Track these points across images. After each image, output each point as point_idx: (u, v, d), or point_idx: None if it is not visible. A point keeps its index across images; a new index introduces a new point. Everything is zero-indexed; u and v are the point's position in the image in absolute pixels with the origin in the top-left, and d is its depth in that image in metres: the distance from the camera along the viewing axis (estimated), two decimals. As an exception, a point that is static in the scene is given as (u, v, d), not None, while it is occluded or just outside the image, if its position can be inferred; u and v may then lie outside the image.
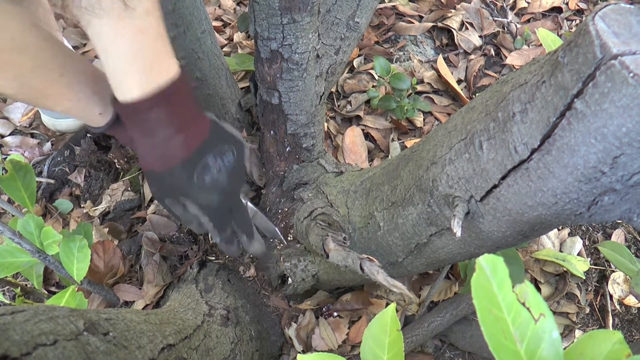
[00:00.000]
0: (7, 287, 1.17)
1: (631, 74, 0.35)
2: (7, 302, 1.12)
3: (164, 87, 0.68)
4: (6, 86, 0.63)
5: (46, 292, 1.13)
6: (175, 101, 0.71)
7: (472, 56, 1.53)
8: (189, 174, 0.75)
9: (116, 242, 1.18)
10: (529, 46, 1.55)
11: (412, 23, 1.60)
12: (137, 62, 0.66)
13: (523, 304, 0.36)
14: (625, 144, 0.38)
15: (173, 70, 0.69)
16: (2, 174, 1.03)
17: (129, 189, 1.27)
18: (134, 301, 1.09)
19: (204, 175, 0.74)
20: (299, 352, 1.02)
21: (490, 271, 0.36)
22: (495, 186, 0.51)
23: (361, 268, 0.60)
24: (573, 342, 1.05)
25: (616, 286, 1.13)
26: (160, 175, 0.76)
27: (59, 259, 0.88)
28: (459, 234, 0.51)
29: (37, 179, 1.28)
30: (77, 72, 0.71)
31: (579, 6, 1.67)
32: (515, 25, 1.60)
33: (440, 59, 1.48)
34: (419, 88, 1.42)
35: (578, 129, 0.40)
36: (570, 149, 0.41)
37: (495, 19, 1.62)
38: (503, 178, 0.50)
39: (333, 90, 1.42)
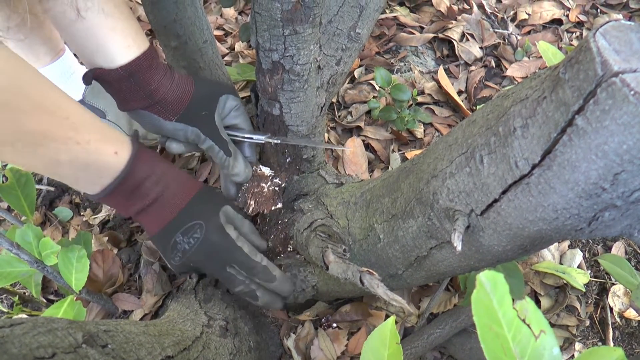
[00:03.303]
0: (5, 295, 1.17)
1: (632, 92, 0.35)
2: (5, 310, 1.12)
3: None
4: (0, 130, 0.57)
5: (45, 300, 1.13)
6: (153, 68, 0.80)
7: (473, 67, 1.54)
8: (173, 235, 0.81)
9: (115, 250, 1.18)
10: (529, 58, 1.56)
11: (413, 34, 1.60)
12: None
13: (523, 320, 0.36)
14: (626, 161, 0.38)
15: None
16: (2, 182, 1.03)
17: (129, 197, 1.27)
18: (132, 310, 1.09)
19: (175, 255, 0.81)
20: (298, 363, 1.02)
21: (490, 287, 0.36)
22: (495, 200, 0.51)
23: (361, 281, 0.60)
24: (573, 355, 1.04)
25: (616, 299, 1.13)
26: (154, 239, 0.82)
27: (58, 269, 0.88)
28: (459, 247, 0.51)
29: (37, 186, 1.28)
30: (84, 113, 0.67)
31: (579, 18, 1.68)
32: (516, 37, 1.60)
33: (441, 70, 1.48)
34: (420, 99, 1.43)
35: (579, 145, 0.40)
36: (571, 165, 0.41)
37: (496, 30, 1.63)
38: (504, 192, 0.50)
39: (334, 100, 1.42)
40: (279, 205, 0.93)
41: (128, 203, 0.76)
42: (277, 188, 0.94)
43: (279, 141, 0.87)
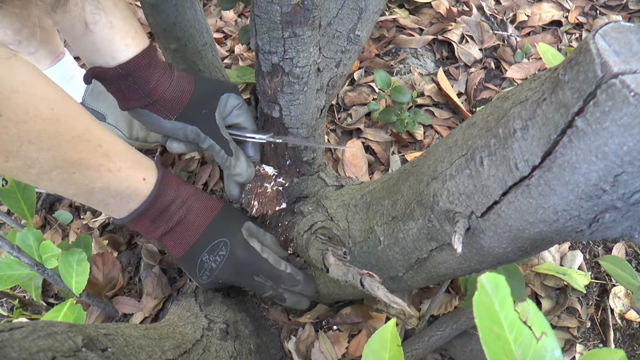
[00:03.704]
0: (5, 298, 1.17)
1: (632, 93, 0.35)
2: (5, 314, 1.12)
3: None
4: (40, 159, 0.58)
5: (45, 304, 1.12)
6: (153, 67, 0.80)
7: (473, 69, 1.54)
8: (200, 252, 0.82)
9: (115, 254, 1.18)
10: (529, 59, 1.56)
11: (413, 36, 1.60)
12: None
13: (525, 322, 0.36)
14: (626, 162, 0.38)
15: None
16: (2, 186, 1.03)
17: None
18: (132, 314, 1.09)
19: (203, 274, 0.82)
20: (299, 366, 1.02)
21: (492, 290, 0.36)
22: (496, 202, 0.51)
23: (361, 283, 0.60)
24: (574, 357, 1.04)
25: (617, 300, 1.13)
26: (180, 260, 0.83)
27: (58, 272, 0.88)
28: (459, 249, 0.50)
29: (37, 189, 1.28)
30: (114, 141, 0.69)
31: (578, 20, 1.68)
32: (515, 39, 1.60)
33: (440, 72, 1.48)
34: (420, 101, 1.43)
35: (579, 146, 0.40)
36: (571, 166, 0.41)
37: (496, 32, 1.63)
38: (504, 194, 0.50)
39: (333, 102, 1.42)
40: (283, 205, 0.92)
41: (153, 226, 0.78)
42: (280, 188, 0.93)
43: (280, 141, 0.87)
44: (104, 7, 0.74)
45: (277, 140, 0.87)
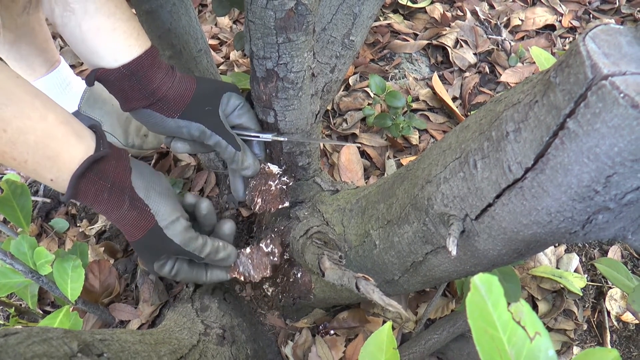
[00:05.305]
0: (1, 307, 1.16)
1: (622, 95, 0.35)
2: (1, 322, 1.11)
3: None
4: None
5: (41, 311, 1.12)
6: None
7: (467, 73, 1.54)
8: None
9: (112, 261, 1.18)
10: (523, 63, 1.56)
11: (407, 41, 1.61)
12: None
13: (518, 322, 0.36)
14: (618, 163, 0.38)
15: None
16: (-2, 194, 1.03)
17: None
18: (129, 320, 1.09)
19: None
20: (296, 372, 1.02)
21: (485, 290, 0.36)
22: (490, 205, 0.51)
23: (357, 287, 0.60)
24: (571, 359, 1.04)
25: (613, 302, 1.13)
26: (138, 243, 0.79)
27: (53, 279, 0.87)
28: (454, 252, 0.51)
29: (33, 198, 1.27)
30: (27, 128, 0.64)
31: (571, 24, 1.69)
32: (510, 43, 1.61)
33: (435, 76, 1.49)
34: (415, 106, 1.43)
35: (571, 148, 0.40)
36: (564, 168, 0.42)
37: (490, 36, 1.64)
38: (498, 197, 0.50)
39: (329, 108, 1.43)
40: (286, 204, 0.92)
41: None
42: (284, 187, 0.93)
43: (285, 139, 0.86)
44: (101, 6, 0.74)
45: (283, 139, 0.86)
